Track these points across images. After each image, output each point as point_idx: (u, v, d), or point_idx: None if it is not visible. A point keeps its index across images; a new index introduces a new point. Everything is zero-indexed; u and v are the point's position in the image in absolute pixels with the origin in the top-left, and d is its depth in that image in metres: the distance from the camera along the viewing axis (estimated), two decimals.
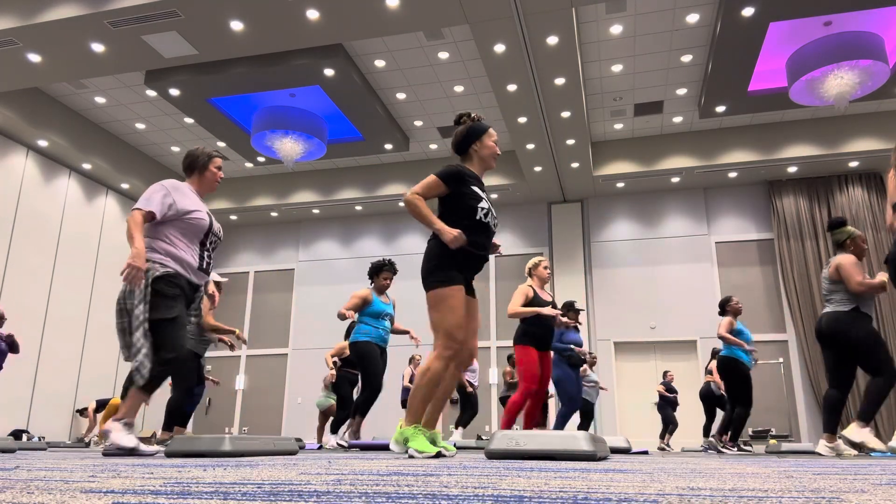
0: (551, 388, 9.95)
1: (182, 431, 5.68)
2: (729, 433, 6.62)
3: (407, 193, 3.17)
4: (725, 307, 6.67)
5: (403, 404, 9.99)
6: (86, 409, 11.27)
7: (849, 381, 4.59)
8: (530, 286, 5.32)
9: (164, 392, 13.36)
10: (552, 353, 5.77)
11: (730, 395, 6.47)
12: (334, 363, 7.30)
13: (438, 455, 2.96)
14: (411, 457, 2.94)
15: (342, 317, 5.29)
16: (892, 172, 3.92)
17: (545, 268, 5.44)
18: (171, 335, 3.18)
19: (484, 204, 3.25)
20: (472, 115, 3.46)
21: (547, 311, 5.12)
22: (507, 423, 5.12)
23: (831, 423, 4.56)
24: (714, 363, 9.56)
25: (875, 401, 4.34)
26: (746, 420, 6.47)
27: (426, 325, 12.98)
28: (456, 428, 9.23)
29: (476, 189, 3.27)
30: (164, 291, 3.21)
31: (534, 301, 5.24)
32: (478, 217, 3.20)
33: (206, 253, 3.45)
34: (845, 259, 4.58)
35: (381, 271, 5.75)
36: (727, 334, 6.42)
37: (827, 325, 4.59)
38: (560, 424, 5.92)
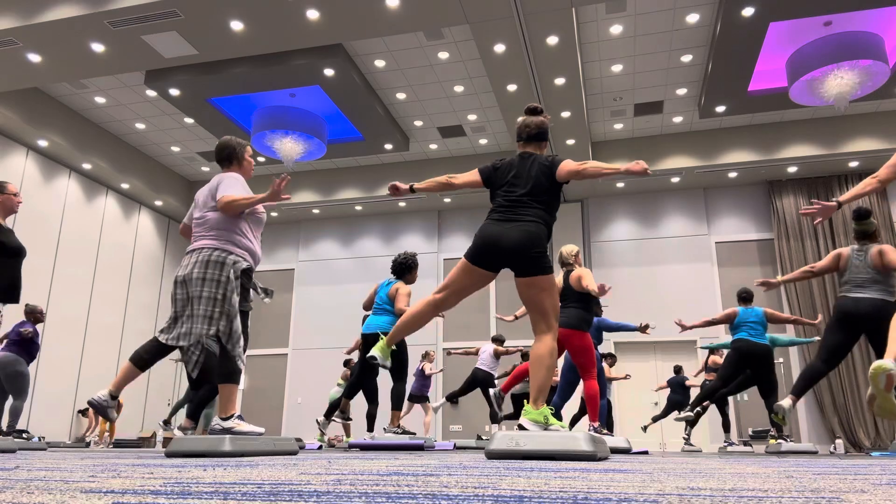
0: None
1: (191, 424, 5.65)
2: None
3: (574, 165, 3.11)
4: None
5: (410, 399, 9.81)
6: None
7: (839, 362, 4.79)
8: None
9: (163, 389, 13.38)
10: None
11: (766, 382, 6.51)
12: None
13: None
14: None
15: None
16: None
17: None
18: (244, 328, 3.27)
19: None
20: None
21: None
22: (596, 414, 5.07)
23: (804, 390, 4.80)
24: (714, 358, 9.38)
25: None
26: None
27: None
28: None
29: None
30: (246, 284, 3.34)
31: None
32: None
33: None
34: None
35: (416, 267, 5.91)
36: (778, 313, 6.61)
37: (873, 309, 4.51)
38: (606, 421, 6.03)
